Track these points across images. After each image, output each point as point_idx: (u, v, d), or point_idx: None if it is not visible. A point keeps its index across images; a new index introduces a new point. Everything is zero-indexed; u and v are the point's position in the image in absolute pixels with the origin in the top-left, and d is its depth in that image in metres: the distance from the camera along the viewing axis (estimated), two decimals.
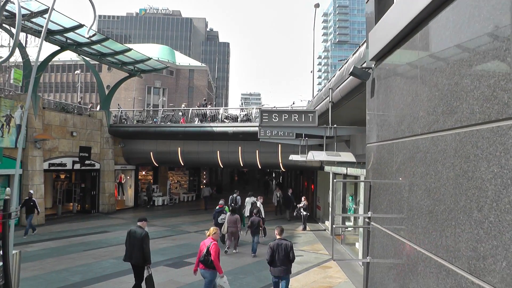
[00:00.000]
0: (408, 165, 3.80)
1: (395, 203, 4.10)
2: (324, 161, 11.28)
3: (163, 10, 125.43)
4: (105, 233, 19.40)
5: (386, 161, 4.48)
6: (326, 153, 11.05)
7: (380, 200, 4.67)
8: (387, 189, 4.44)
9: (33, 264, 13.32)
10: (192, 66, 73.44)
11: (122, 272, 12.75)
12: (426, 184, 3.38)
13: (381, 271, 4.51)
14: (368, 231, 5.18)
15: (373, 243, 4.88)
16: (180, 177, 37.49)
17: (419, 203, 3.50)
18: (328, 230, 21.23)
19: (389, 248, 4.25)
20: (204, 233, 18.82)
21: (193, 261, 13.84)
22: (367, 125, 5.51)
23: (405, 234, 3.79)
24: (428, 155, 3.37)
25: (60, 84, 70.57)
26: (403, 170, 3.92)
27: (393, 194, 4.19)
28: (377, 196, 4.80)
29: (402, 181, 3.94)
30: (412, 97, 3.75)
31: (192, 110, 27.09)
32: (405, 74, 3.97)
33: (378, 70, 4.92)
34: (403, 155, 3.93)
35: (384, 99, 4.59)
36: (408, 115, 3.82)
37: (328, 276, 12.95)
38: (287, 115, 11.22)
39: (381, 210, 4.59)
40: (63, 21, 19.77)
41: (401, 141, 3.99)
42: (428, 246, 3.30)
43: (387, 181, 4.41)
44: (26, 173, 20.57)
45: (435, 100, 3.30)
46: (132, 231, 9.84)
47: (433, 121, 3.30)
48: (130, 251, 9.66)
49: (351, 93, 9.81)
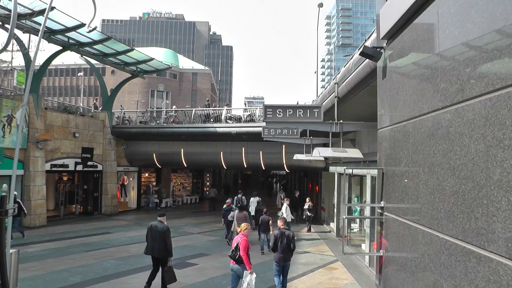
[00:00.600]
0: (427, 144, 3.47)
1: (412, 189, 3.77)
2: (329, 161, 10.95)
3: (166, 14, 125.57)
4: (107, 234, 19.12)
5: (401, 144, 4.16)
6: (332, 149, 10.74)
7: (394, 187, 4.33)
8: (402, 174, 4.11)
9: (33, 265, 13.08)
10: (195, 69, 73.35)
11: (123, 272, 12.51)
12: (449, 162, 3.05)
13: (396, 265, 4.18)
14: (380, 223, 4.85)
15: (387, 235, 4.55)
16: (184, 179, 37.19)
17: (441, 184, 3.17)
18: (333, 231, 20.89)
19: (405, 238, 3.91)
20: (208, 235, 18.79)
21: (195, 262, 13.70)
22: (379, 110, 5.18)
23: (425, 221, 3.45)
24: (451, 130, 3.04)
25: (64, 88, 70.55)
26: (421, 151, 3.59)
27: (409, 178, 3.86)
28: (390, 184, 4.47)
29: (420, 163, 3.61)
30: (431, 70, 3.43)
31: (195, 110, 26.80)
32: (421, 47, 3.65)
33: (390, 49, 4.60)
34: (421, 134, 3.61)
35: (398, 78, 4.27)
36: (427, 90, 3.50)
37: (334, 277, 12.63)
38: (292, 111, 10.93)
39: (396, 198, 4.26)
40: (65, 20, 19.55)
41: (418, 120, 3.67)
42: (453, 231, 2.96)
43: (402, 166, 4.08)
44: (28, 174, 20.33)
45: (459, 68, 2.97)
46: (153, 225, 10.27)
47: (457, 90, 2.98)
48: (152, 244, 10.12)
49: (358, 86, 9.51)
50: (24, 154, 20.40)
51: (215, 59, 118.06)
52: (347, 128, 11.35)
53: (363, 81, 8.93)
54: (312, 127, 12.13)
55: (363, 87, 9.33)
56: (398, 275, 4.10)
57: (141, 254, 14.94)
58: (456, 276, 2.89)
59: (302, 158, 16.88)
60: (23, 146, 20.19)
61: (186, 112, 27.36)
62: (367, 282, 12.06)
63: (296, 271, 13.02)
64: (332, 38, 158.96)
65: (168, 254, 10.09)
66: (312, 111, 10.98)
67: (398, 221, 4.17)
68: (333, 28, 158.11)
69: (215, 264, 13.86)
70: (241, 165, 26.14)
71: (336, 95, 11.18)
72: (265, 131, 17.64)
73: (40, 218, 20.53)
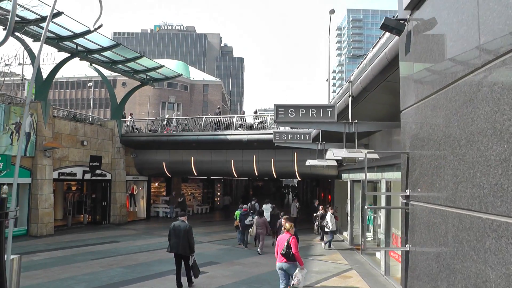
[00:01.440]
0: (463, 112, 2.99)
1: (446, 168, 3.28)
2: (343, 162, 10.43)
3: (178, 26, 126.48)
4: (115, 243, 18.72)
5: (430, 120, 3.68)
6: (346, 150, 10.23)
7: (422, 171, 3.84)
8: (431, 155, 3.61)
9: (38, 273, 12.73)
10: (206, 80, 73.37)
11: (130, 280, 12.08)
12: (494, 126, 2.57)
13: (427, 259, 3.66)
14: (405, 214, 4.34)
15: (413, 226, 4.04)
16: (194, 189, 36.77)
17: (484, 155, 2.68)
18: (346, 240, 20.30)
19: (437, 227, 3.41)
20: (218, 243, 18.39)
21: (205, 270, 13.21)
22: (401, 91, 4.70)
23: (463, 202, 2.95)
24: (496, 87, 2.55)
25: (75, 100, 70.87)
26: (455, 122, 3.11)
27: (441, 158, 3.37)
28: (417, 168, 3.97)
29: (456, 136, 3.12)
30: (467, 27, 2.96)
31: (205, 118, 26.47)
32: (454, 5, 3.19)
33: (415, 20, 4.14)
34: (455, 102, 3.12)
35: (426, 47, 3.79)
36: (462, 51, 3.03)
37: (349, 286, 12.13)
38: (304, 110, 10.49)
39: (425, 183, 3.76)
40: (73, 26, 19.38)
41: (451, 87, 3.19)
42: (502, 208, 2.46)
43: (431, 144, 3.60)
44: (35, 182, 20.06)
45: (507, 12, 2.50)
46: (176, 225, 11.04)
47: (505, 40, 2.50)
48: (176, 242, 10.83)
49: (374, 82, 9.02)
50: (32, 162, 20.16)
51: (226, 71, 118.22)
52: (362, 128, 10.85)
53: (379, 76, 8.44)
54: (325, 127, 11.65)
55: (379, 82, 8.84)
56: (429, 270, 3.59)
57: (150, 263, 14.60)
58: (509, 261, 2.38)
59: (315, 164, 16.36)
60: (30, 154, 19.95)
61: (196, 120, 27.03)
62: None
63: (309, 280, 12.55)
64: (343, 49, 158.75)
65: (191, 251, 10.88)
66: (326, 111, 10.53)
67: (427, 208, 3.67)
68: (344, 39, 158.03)
69: (225, 272, 13.40)
70: (252, 173, 25.68)
71: (351, 94, 10.70)
72: (277, 136, 17.19)
73: (47, 227, 20.18)
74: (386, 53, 7.45)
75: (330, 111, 10.51)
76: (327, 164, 16.24)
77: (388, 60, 7.51)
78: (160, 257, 15.62)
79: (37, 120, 20.33)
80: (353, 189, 19.60)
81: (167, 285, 11.71)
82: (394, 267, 12.90)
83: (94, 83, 64.29)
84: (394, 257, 12.49)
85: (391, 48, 7.09)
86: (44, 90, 21.09)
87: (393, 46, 6.97)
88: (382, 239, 13.56)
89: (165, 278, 12.40)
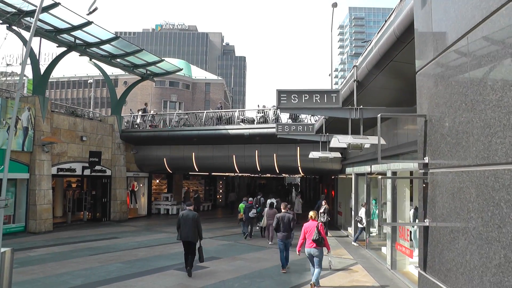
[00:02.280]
0: (495, 55, 2.54)
1: (475, 121, 2.82)
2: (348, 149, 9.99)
3: (179, 25, 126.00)
4: (114, 239, 18.32)
5: (453, 72, 3.23)
6: (352, 136, 9.80)
7: (444, 131, 3.38)
8: (455, 110, 3.15)
9: (33, 268, 12.36)
10: (208, 79, 72.90)
11: (129, 275, 11.70)
12: None
13: (451, 232, 3.20)
14: (424, 186, 3.89)
15: (434, 197, 3.59)
16: (196, 187, 36.35)
17: None
18: (351, 236, 19.85)
19: (465, 192, 2.95)
20: (220, 239, 18.03)
21: (206, 265, 12.82)
22: (417, 49, 4.23)
23: (499, 155, 2.48)
24: None
25: (76, 100, 70.49)
26: (489, 63, 2.66)
27: (468, 110, 2.90)
28: (438, 130, 3.51)
29: (486, 82, 2.68)
30: None
31: (206, 112, 26.05)
32: None
33: None
34: (484, 47, 2.68)
35: None
36: None
37: (355, 280, 11.72)
38: (308, 96, 10.08)
39: (447, 145, 3.29)
40: (71, 19, 18.96)
41: (482, 26, 2.74)
42: None
43: (455, 99, 3.15)
44: (34, 178, 19.66)
45: None
46: (184, 214, 11.63)
47: None
48: (185, 231, 11.39)
49: (381, 63, 8.59)
50: (30, 157, 19.77)
51: (228, 70, 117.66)
52: (368, 114, 10.39)
53: (387, 55, 8.00)
54: (329, 113, 11.24)
55: (386, 63, 8.40)
56: (454, 245, 3.14)
57: (149, 258, 14.20)
58: None
59: (318, 155, 15.89)
60: (28, 149, 19.57)
61: (197, 115, 26.61)
62: (391, 285, 11.12)
63: None
64: (345, 47, 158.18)
65: (199, 237, 11.55)
66: (330, 96, 10.13)
67: (452, 173, 3.21)
68: (346, 37, 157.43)
69: (227, 267, 13.01)
70: (254, 168, 25.24)
71: (356, 79, 10.27)
72: (279, 128, 16.76)
73: (46, 223, 19.78)
74: (395, 29, 7.08)
75: (334, 96, 10.12)
76: (331, 156, 15.79)
77: (397, 36, 7.12)
78: (160, 253, 15.25)
79: (35, 114, 19.94)
80: (357, 183, 19.14)
81: (166, 279, 11.35)
82: (401, 261, 12.54)
83: (96, 82, 63.96)
84: (401, 250, 12.08)
85: (400, 23, 6.73)
86: (42, 85, 20.70)
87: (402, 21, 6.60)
88: (389, 232, 13.13)
89: (165, 273, 12.05)
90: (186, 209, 11.87)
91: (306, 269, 12.35)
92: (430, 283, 3.58)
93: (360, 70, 10.12)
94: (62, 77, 67.86)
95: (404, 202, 13.46)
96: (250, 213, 18.55)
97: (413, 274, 11.75)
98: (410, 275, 11.77)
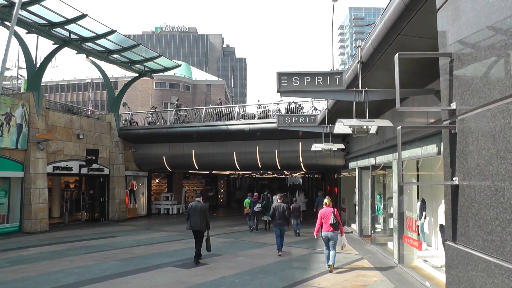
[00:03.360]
0: None
1: None
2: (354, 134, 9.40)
3: (179, 27, 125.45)
4: (111, 238, 17.75)
5: None
6: (357, 119, 9.24)
7: (477, 65, 2.80)
8: (491, 38, 2.58)
9: (25, 267, 11.79)
10: (208, 80, 72.45)
11: (124, 273, 11.14)
12: None
13: (491, 186, 2.61)
14: (450, 137, 3.28)
15: (465, 147, 2.95)
16: (196, 186, 35.73)
17: None
18: (355, 232, 19.29)
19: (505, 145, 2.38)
20: (221, 237, 17.46)
21: (206, 262, 12.28)
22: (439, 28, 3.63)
23: None
24: None
25: (76, 103, 70.08)
26: None
27: None
28: (470, 64, 2.92)
29: None
30: None
31: (206, 108, 25.48)
32: None
33: None
34: None
35: None
36: None
37: (361, 274, 11.18)
38: (310, 78, 9.50)
39: (483, 78, 2.69)
40: (65, 11, 18.36)
41: None
42: None
43: (488, 32, 2.56)
44: (28, 176, 19.08)
45: None
46: (193, 205, 12.46)
47: None
48: (195, 221, 12.18)
49: (387, 38, 7.97)
50: (24, 155, 19.20)
51: (228, 71, 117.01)
52: (373, 97, 9.81)
53: (394, 27, 7.38)
54: (332, 96, 10.66)
55: (393, 38, 7.79)
56: (496, 199, 2.53)
57: (147, 255, 13.62)
58: None
59: (321, 147, 15.30)
60: (22, 146, 19.00)
61: (197, 111, 26.04)
62: (399, 279, 10.56)
63: (318, 269, 11.72)
64: (345, 48, 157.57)
65: (207, 227, 12.34)
66: (333, 78, 9.57)
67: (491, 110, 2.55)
68: (347, 38, 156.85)
69: (228, 264, 12.46)
70: (255, 165, 24.63)
71: (360, 60, 9.68)
72: (280, 120, 16.19)
73: (41, 223, 19.19)
74: None
75: (338, 78, 9.55)
76: (334, 147, 15.21)
77: (405, 4, 6.53)
78: (159, 250, 14.70)
79: (29, 111, 19.38)
80: (361, 178, 18.55)
81: (164, 276, 10.79)
82: (408, 256, 12.02)
83: (96, 85, 63.59)
84: (409, 242, 11.55)
85: None
86: (37, 81, 20.14)
87: None
88: (395, 224, 12.55)
89: (162, 270, 11.48)
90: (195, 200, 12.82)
91: (309, 265, 12.07)
92: (464, 254, 2.99)
93: (364, 50, 9.53)
94: (62, 80, 67.51)
95: (411, 194, 12.94)
96: (255, 207, 19.63)
97: (421, 268, 11.36)
98: (418, 269, 11.32)
